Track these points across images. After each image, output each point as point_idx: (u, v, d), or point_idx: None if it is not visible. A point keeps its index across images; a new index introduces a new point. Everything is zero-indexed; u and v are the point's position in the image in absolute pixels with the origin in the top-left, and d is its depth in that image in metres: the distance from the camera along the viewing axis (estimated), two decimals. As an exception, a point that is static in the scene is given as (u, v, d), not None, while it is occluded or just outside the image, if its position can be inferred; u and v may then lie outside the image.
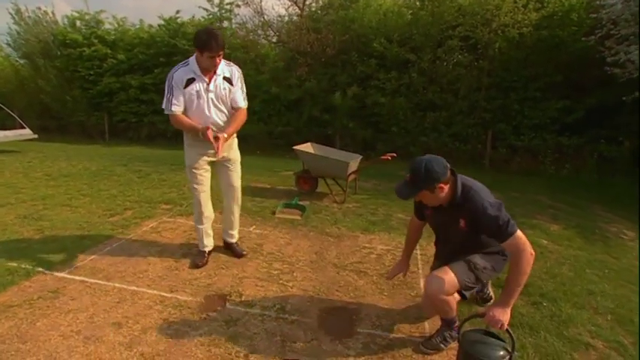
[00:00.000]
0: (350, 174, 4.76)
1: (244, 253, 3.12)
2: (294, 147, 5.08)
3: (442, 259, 2.16)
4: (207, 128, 2.56)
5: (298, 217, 4.13)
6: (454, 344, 2.06)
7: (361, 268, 3.01)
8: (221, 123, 2.74)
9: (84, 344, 2.07)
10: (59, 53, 11.40)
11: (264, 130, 9.68)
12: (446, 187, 1.80)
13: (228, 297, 2.55)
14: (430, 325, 2.28)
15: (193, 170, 2.82)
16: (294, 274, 2.88)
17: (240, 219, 4.11)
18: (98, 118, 11.33)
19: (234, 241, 3.17)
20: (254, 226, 3.84)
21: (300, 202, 4.54)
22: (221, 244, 3.22)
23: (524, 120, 7.73)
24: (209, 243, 3.05)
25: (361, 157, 5.13)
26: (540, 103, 7.59)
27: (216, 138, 2.55)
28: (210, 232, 3.06)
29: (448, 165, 1.83)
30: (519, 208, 4.77)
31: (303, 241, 3.49)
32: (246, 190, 5.46)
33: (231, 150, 2.94)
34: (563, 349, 2.12)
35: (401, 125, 8.62)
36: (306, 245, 3.42)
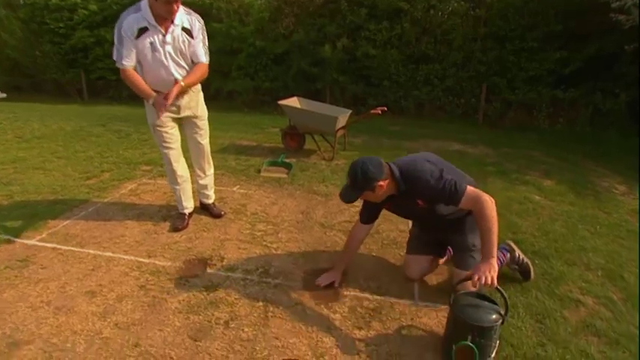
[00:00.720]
0: (338, 129, 4.52)
1: (223, 213, 2.96)
2: (280, 102, 4.77)
3: (429, 233, 2.23)
4: (166, 99, 2.29)
5: (284, 176, 3.94)
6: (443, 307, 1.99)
7: (349, 228, 2.86)
8: (179, 77, 2.44)
9: (54, 315, 1.93)
10: (22, 2, 10.42)
11: (251, 86, 9.20)
12: (386, 183, 1.82)
13: (208, 261, 2.41)
14: (420, 287, 2.19)
15: (157, 128, 2.56)
16: (279, 235, 2.74)
17: (224, 178, 3.94)
18: (74, 75, 10.52)
19: (210, 201, 2.99)
20: (238, 186, 3.65)
21: (287, 160, 4.33)
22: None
23: (519, 72, 7.39)
24: (189, 205, 2.87)
25: (350, 111, 4.87)
26: (537, 54, 7.22)
27: (167, 95, 2.32)
28: (189, 192, 2.87)
29: (384, 162, 1.85)
30: (512, 164, 4.62)
31: (288, 201, 3.33)
32: (230, 149, 5.28)
33: (197, 106, 2.65)
34: (554, 307, 2.05)
35: (392, 79, 8.22)
36: (292, 205, 3.26)
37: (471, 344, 1.54)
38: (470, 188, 1.73)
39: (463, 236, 2.03)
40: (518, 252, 2.26)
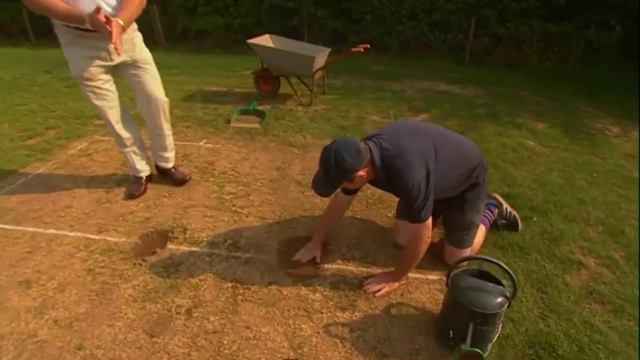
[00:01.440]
0: (316, 70, 3.98)
1: (187, 177, 2.53)
2: (249, 40, 4.12)
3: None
4: (98, 11, 1.70)
5: (257, 126, 3.48)
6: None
7: None
8: (110, 10, 1.87)
9: (-23, 313, 1.59)
10: None
11: (221, 24, 8.19)
12: (366, 171, 1.52)
13: (169, 234, 2.05)
14: None
15: (85, 83, 2.00)
16: (251, 197, 2.38)
17: (189, 132, 3.44)
18: (13, 13, 8.79)
19: (169, 165, 2.51)
20: (205, 140, 3.19)
21: (259, 107, 3.84)
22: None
23: (511, 4, 6.73)
24: (143, 167, 2.42)
25: (330, 50, 4.28)
26: (531, -20, 6.53)
27: (108, 21, 1.70)
28: (143, 152, 2.41)
29: (363, 147, 1.50)
30: (503, 106, 4.26)
31: (262, 155, 2.93)
32: (197, 96, 4.63)
33: (136, 48, 2.08)
34: (555, 272, 1.82)
35: (375, 13, 7.39)
36: (266, 160, 2.86)
37: (479, 351, 1.29)
38: (426, 223, 1.54)
39: (462, 214, 1.75)
40: (505, 205, 2.08)
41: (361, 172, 1.49)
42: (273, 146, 3.08)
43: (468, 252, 1.80)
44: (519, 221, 2.08)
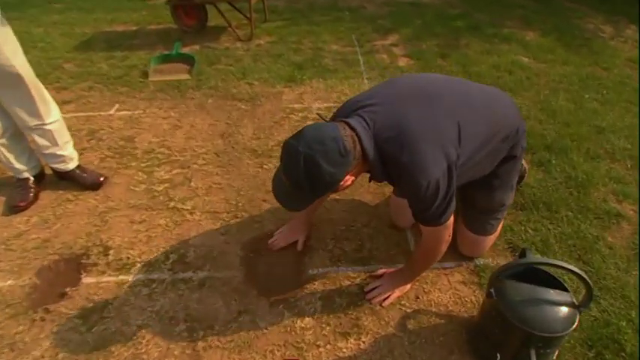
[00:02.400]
0: (253, -9, 3.20)
1: (101, 179, 1.86)
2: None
3: None
4: None
5: (185, 76, 2.77)
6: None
7: None
8: None
9: None
10: None
11: None
12: (356, 171, 1.08)
13: (83, 260, 1.52)
14: (416, 239, 1.56)
15: None
16: (192, 183, 1.85)
17: (92, 96, 2.66)
18: None
19: (71, 166, 1.84)
20: (117, 106, 2.48)
21: (185, 50, 3.08)
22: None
23: None
24: (26, 164, 1.76)
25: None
26: None
27: None
28: (20, 144, 1.73)
29: (349, 142, 1.01)
30: (483, 14, 3.75)
31: (198, 118, 2.32)
32: (97, 42, 3.52)
33: None
34: (593, 233, 1.55)
35: None
36: (205, 124, 2.27)
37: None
38: (448, 223, 1.16)
39: (490, 193, 1.35)
40: None
41: (348, 176, 1.04)
42: (212, 104, 2.46)
43: (492, 240, 1.47)
44: (527, 170, 1.77)
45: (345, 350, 1.23)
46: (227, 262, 1.50)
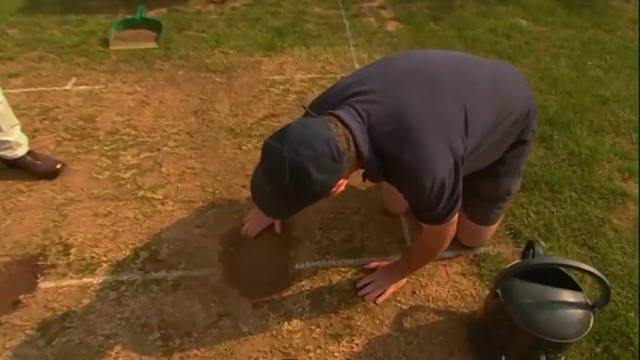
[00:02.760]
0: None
1: (58, 167, 1.66)
2: None
3: None
4: None
5: (152, 45, 2.50)
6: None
7: (276, 125, 1.91)
8: None
9: None
10: None
11: None
12: (348, 173, 0.96)
13: (39, 262, 1.36)
14: (411, 225, 1.47)
15: None
16: (164, 169, 1.68)
17: (44, 68, 2.37)
18: None
19: (20, 153, 1.62)
20: (74, 80, 2.22)
21: (150, 15, 2.79)
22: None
23: None
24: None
25: None
26: None
27: None
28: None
29: (342, 144, 0.87)
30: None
31: (168, 93, 2.09)
32: (44, 4, 3.08)
33: None
34: (598, 215, 1.49)
35: None
36: (176, 100, 2.05)
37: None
38: (454, 219, 1.07)
39: (496, 181, 1.24)
40: None
41: (341, 181, 0.92)
42: (183, 76, 2.23)
43: (494, 229, 1.39)
44: None
45: (336, 354, 1.15)
46: (204, 258, 1.38)
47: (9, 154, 1.60)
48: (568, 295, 0.95)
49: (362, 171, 1.03)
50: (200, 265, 1.36)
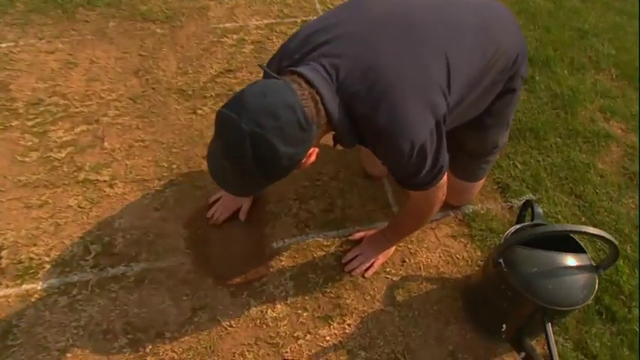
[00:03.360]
0: None
1: None
2: None
3: None
4: None
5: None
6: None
7: (234, 83, 1.70)
8: None
9: None
10: None
11: None
12: (315, 149, 0.86)
13: (-34, 268, 1.19)
14: (395, 188, 1.40)
15: None
16: (106, 144, 1.47)
17: None
18: None
19: None
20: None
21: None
22: None
23: None
24: None
25: None
26: None
27: None
28: None
29: (309, 109, 0.78)
30: None
31: (99, 51, 1.79)
32: None
33: None
34: (583, 160, 1.48)
35: None
36: (110, 59, 1.76)
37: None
38: (442, 182, 1.00)
39: (482, 134, 1.17)
40: None
41: (307, 157, 0.83)
42: (115, 28, 1.90)
43: (481, 184, 1.33)
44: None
45: (328, 338, 1.10)
46: (169, 246, 1.24)
47: None
48: (573, 259, 0.92)
49: (333, 137, 0.93)
50: (165, 254, 1.23)
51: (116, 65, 1.74)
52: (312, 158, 0.85)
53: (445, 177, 0.98)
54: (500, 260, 0.93)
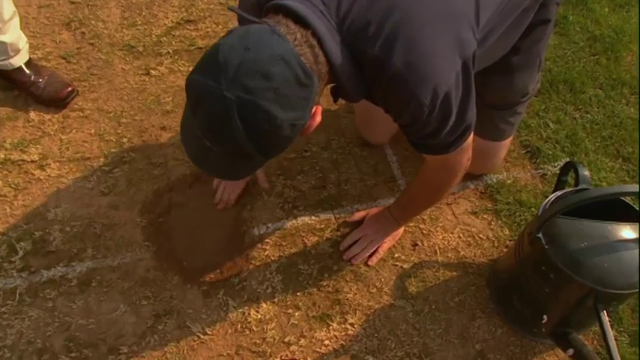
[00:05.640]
0: None
1: (69, 89, 1.41)
2: None
3: None
4: None
5: None
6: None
7: (196, 36, 1.61)
8: None
9: None
10: None
11: None
12: (319, 108, 0.79)
13: None
14: (400, 156, 1.36)
15: None
16: (35, 115, 1.37)
17: None
18: None
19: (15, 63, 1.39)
20: None
21: None
22: None
23: None
24: None
25: None
26: None
27: None
28: None
29: (307, 57, 0.70)
30: None
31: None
32: None
33: None
34: (632, 116, 1.43)
35: None
36: (32, 9, 1.64)
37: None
38: (467, 143, 0.95)
39: (508, 77, 1.11)
40: None
41: (315, 109, 0.77)
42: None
43: (508, 146, 1.29)
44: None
45: (327, 342, 1.05)
46: (121, 239, 1.17)
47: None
48: (630, 231, 0.86)
49: (330, 89, 0.86)
50: (117, 249, 1.16)
51: (40, 15, 1.63)
52: (318, 119, 0.79)
53: (471, 137, 0.93)
54: (540, 235, 0.88)
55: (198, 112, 0.68)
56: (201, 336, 1.04)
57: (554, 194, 0.95)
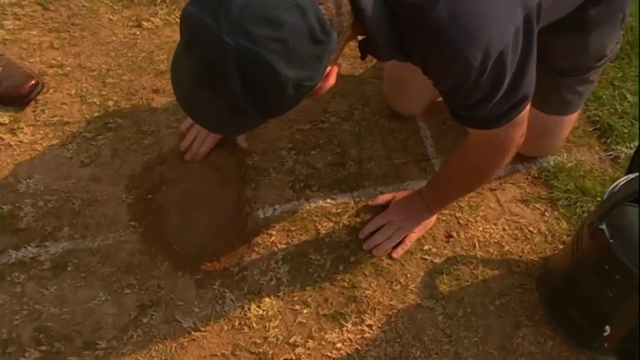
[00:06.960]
0: None
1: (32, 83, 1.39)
2: None
3: None
4: None
5: None
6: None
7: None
8: None
9: None
10: None
11: None
12: (334, 68, 0.83)
13: None
14: (434, 130, 1.39)
15: None
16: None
17: None
18: None
19: None
20: None
21: None
22: None
23: None
24: None
25: None
26: None
27: None
28: None
29: (327, 7, 0.69)
30: None
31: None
32: None
33: None
34: None
35: None
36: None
37: None
38: (522, 116, 0.96)
39: (580, 37, 1.10)
40: None
41: (328, 69, 0.79)
42: None
43: (573, 122, 1.30)
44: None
45: (339, 345, 1.08)
46: (103, 217, 1.22)
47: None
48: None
49: (359, 43, 0.88)
50: (97, 228, 1.21)
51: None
52: (332, 81, 0.81)
53: (527, 110, 0.94)
54: (603, 226, 0.87)
55: (191, 53, 0.70)
56: (193, 332, 1.08)
57: (622, 179, 0.94)
